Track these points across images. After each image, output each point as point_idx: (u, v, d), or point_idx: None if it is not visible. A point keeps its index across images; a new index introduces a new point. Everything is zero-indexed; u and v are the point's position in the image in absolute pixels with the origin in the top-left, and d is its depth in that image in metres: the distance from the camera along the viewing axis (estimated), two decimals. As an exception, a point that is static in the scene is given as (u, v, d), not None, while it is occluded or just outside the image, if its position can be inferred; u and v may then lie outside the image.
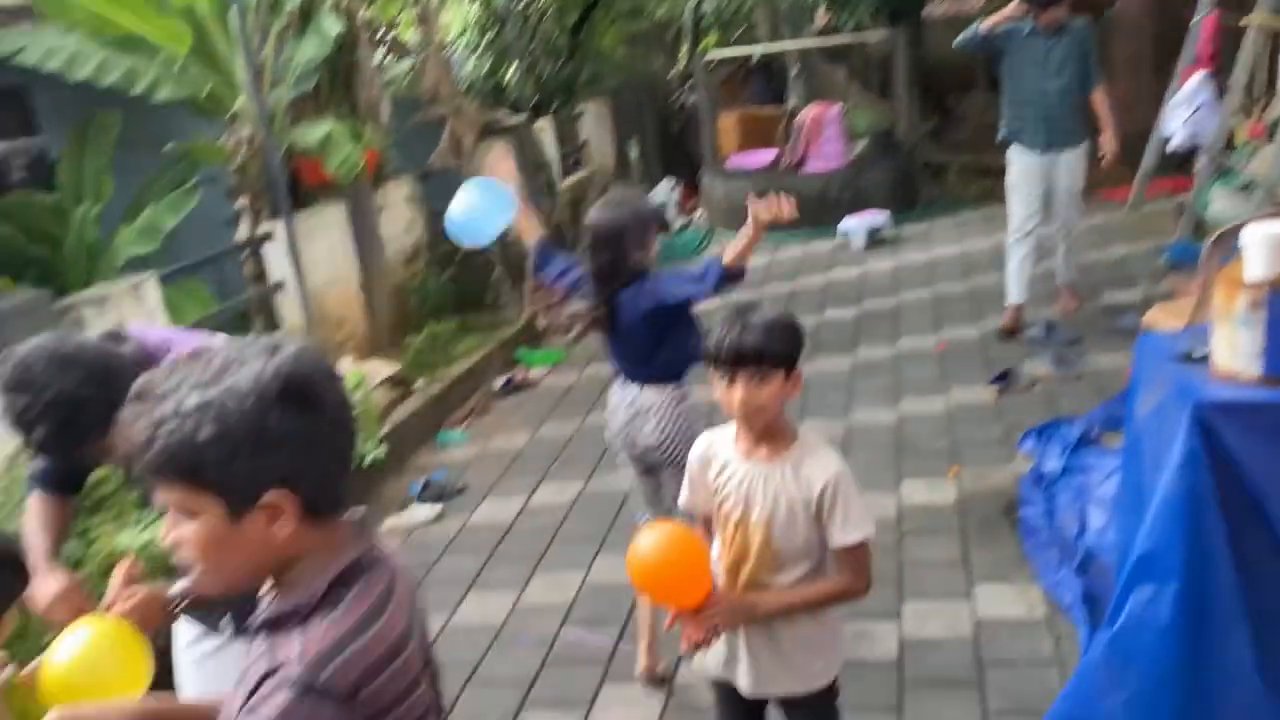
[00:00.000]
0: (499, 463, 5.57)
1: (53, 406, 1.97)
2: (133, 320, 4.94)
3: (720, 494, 2.26)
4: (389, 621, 1.29)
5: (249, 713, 1.21)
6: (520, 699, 3.50)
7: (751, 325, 2.13)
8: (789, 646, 2.25)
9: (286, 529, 1.25)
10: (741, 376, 2.12)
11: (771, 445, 2.22)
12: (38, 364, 1.98)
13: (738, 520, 2.23)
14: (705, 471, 2.30)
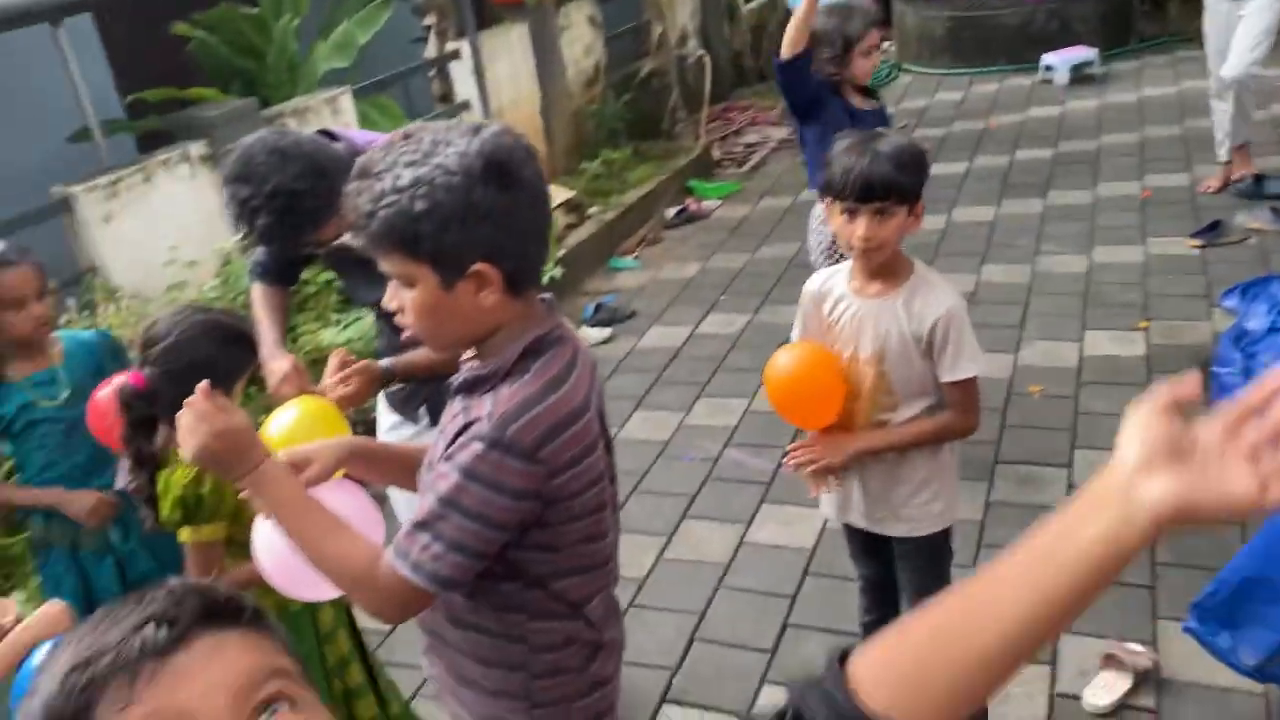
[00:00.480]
0: (668, 291, 5.66)
1: (273, 197, 2.09)
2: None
3: (833, 331, 2.23)
4: (571, 390, 1.39)
5: (448, 460, 1.35)
6: (683, 510, 3.67)
7: (880, 156, 2.03)
8: (903, 489, 2.24)
9: (491, 299, 1.35)
10: (865, 210, 2.05)
11: (886, 280, 2.15)
12: (259, 156, 2.11)
13: (849, 357, 2.20)
14: (819, 308, 2.26)
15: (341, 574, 1.39)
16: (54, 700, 0.65)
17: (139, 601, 0.71)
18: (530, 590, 1.46)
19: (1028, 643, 0.71)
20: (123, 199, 4.25)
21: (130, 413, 2.07)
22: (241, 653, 0.70)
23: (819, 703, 0.74)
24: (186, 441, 1.41)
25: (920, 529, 2.27)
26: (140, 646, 0.66)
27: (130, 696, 0.65)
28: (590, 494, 1.43)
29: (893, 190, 2.03)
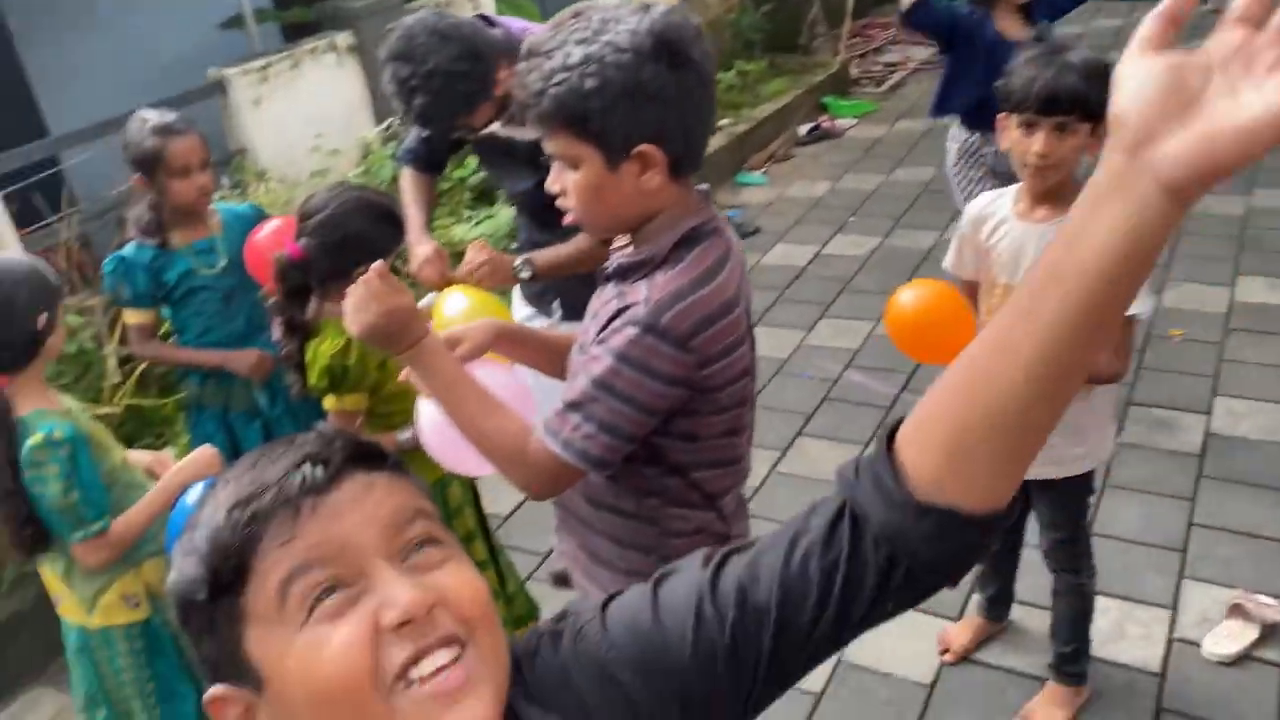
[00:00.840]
0: (796, 209, 5.57)
1: (430, 77, 2.12)
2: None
3: (989, 256, 2.14)
4: (724, 282, 1.39)
5: (601, 343, 1.37)
6: (798, 427, 3.67)
7: (1067, 66, 1.91)
8: None
9: (654, 181, 1.35)
10: (1045, 124, 1.94)
11: (1055, 205, 2.04)
12: (420, 36, 2.13)
13: (1005, 284, 2.11)
14: (977, 231, 2.16)
15: (494, 449, 1.43)
16: (220, 534, 0.69)
17: (291, 444, 0.73)
18: (669, 477, 1.49)
19: (1060, 372, 0.63)
20: (272, 84, 4.38)
21: (286, 282, 2.16)
22: (389, 492, 0.73)
23: (870, 490, 0.71)
24: (355, 316, 1.42)
25: (1061, 471, 2.19)
26: (300, 483, 0.69)
27: (293, 530, 0.68)
28: (736, 387, 1.44)
29: (1078, 103, 1.91)
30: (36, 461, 1.87)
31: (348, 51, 4.66)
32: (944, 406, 0.69)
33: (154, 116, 2.56)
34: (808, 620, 0.74)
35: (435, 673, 0.67)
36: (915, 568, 0.71)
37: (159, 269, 2.61)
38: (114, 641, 2.08)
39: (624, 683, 0.77)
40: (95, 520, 1.93)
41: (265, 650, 0.68)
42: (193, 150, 2.53)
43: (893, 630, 2.58)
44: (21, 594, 2.99)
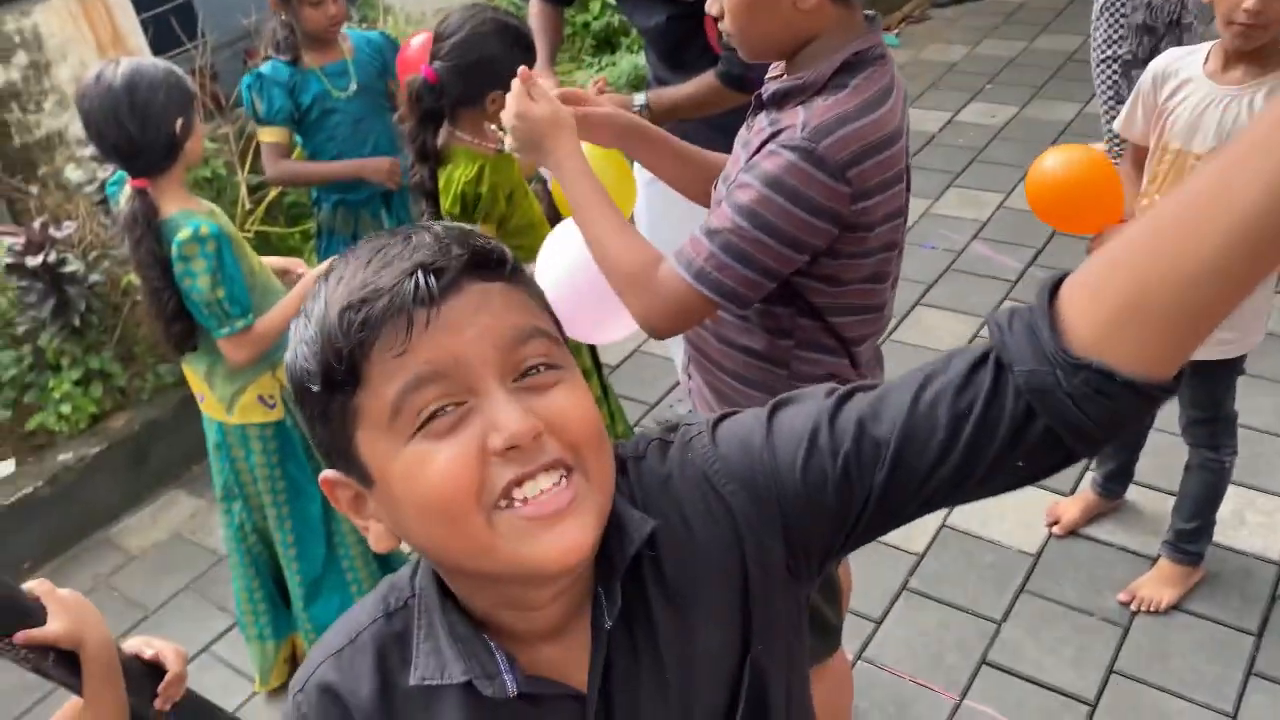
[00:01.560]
0: (929, 73, 5.31)
1: None
2: None
3: (1165, 119, 1.98)
4: (887, 113, 1.31)
5: (749, 169, 1.31)
6: (918, 296, 3.59)
7: None
8: None
9: (813, 1, 1.28)
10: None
11: (1252, 66, 1.87)
12: None
13: (1177, 150, 1.97)
14: (1157, 90, 2.00)
15: (620, 269, 1.38)
16: (332, 333, 0.67)
17: (406, 242, 0.70)
18: (805, 318, 1.45)
19: (1259, 244, 0.57)
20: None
21: (419, 106, 2.15)
22: (506, 307, 0.70)
23: (1022, 338, 0.64)
24: (508, 120, 1.42)
25: (1209, 354, 2.09)
26: (414, 292, 0.66)
27: (406, 343, 0.66)
28: (886, 228, 1.37)
29: None
30: (185, 256, 1.94)
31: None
32: (1124, 263, 0.62)
33: None
34: (928, 463, 0.70)
35: (538, 495, 0.67)
36: (1055, 426, 0.65)
37: (294, 87, 2.66)
38: (249, 439, 2.19)
39: (728, 494, 0.76)
40: (241, 316, 2.02)
41: (374, 452, 0.69)
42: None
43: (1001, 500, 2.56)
44: (161, 402, 3.18)
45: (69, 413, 3.02)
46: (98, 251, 3.16)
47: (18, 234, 2.91)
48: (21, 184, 3.39)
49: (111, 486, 3.07)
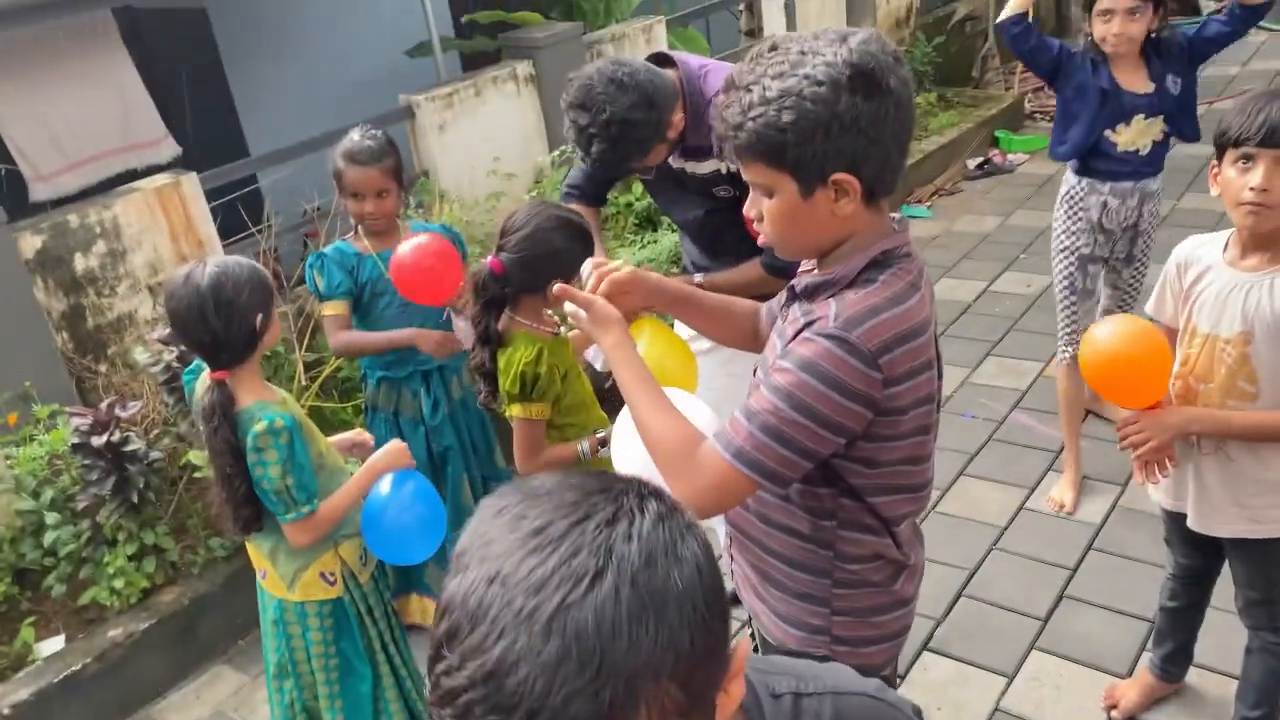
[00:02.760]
0: (963, 243, 5.45)
1: (607, 126, 2.20)
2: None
3: (1192, 302, 2.04)
4: (915, 305, 1.38)
5: (786, 355, 1.38)
6: (961, 466, 3.58)
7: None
8: (1245, 483, 2.04)
9: (849, 207, 1.36)
10: (1265, 158, 1.84)
11: (1267, 253, 1.94)
12: (598, 86, 2.20)
13: (1206, 334, 2.01)
14: (1181, 277, 2.07)
15: (663, 448, 1.44)
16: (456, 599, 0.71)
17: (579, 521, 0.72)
18: (845, 499, 1.49)
19: None
20: (456, 110, 4.60)
21: (483, 293, 2.26)
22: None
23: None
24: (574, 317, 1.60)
25: (1261, 531, 2.08)
26: None
27: None
28: (919, 412, 1.42)
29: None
30: (260, 447, 2.04)
31: (527, 81, 4.85)
32: None
33: (355, 137, 2.76)
34: None
35: None
36: None
37: (353, 267, 2.83)
38: (308, 615, 2.24)
39: None
40: (306, 503, 2.09)
41: None
42: (367, 182, 2.73)
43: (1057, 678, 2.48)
44: (211, 576, 3.22)
45: (121, 587, 3.07)
46: (159, 429, 3.28)
47: (86, 415, 3.04)
48: (91, 363, 3.56)
49: (158, 661, 3.08)
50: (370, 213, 2.77)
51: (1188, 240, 2.13)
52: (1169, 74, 3.02)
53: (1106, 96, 3.02)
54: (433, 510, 2.22)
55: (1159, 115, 3.04)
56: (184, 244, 3.74)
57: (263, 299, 2.07)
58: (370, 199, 2.75)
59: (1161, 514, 2.32)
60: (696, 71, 2.44)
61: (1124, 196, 3.14)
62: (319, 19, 6.17)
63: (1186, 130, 3.12)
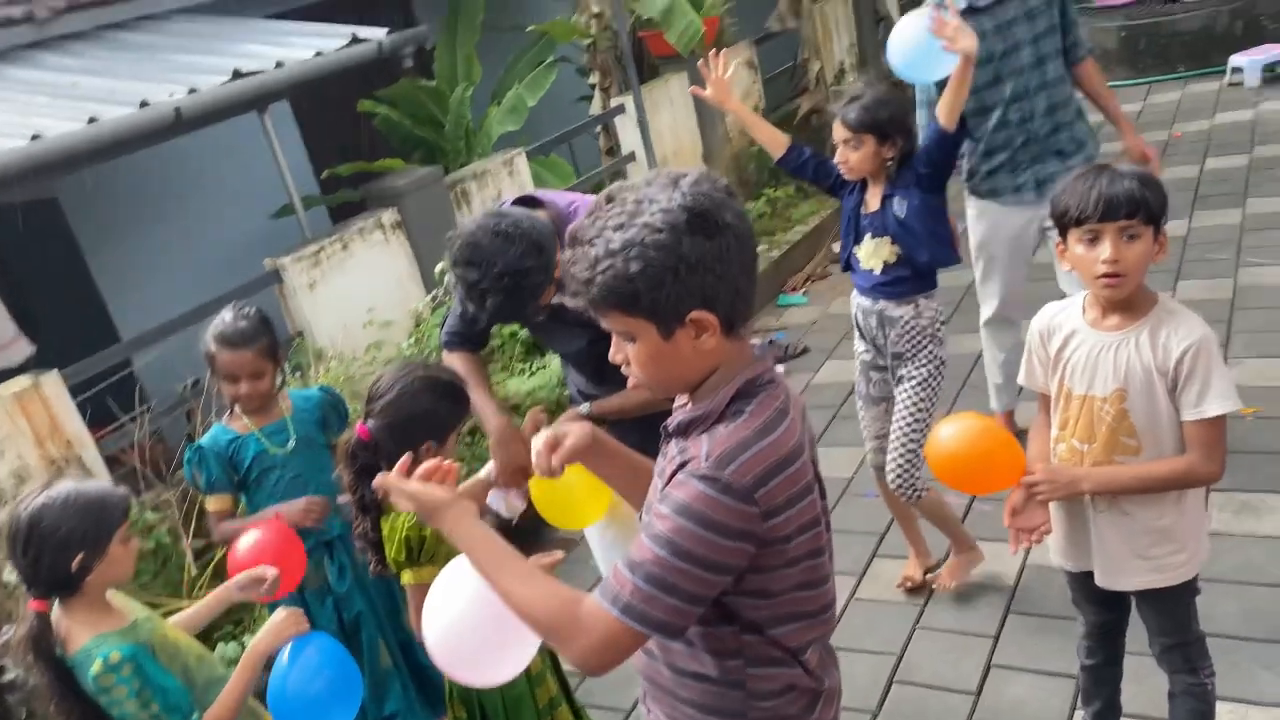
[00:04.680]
0: (841, 325, 5.59)
1: (500, 278, 2.19)
2: (508, 193, 5.42)
3: (1063, 367, 2.12)
4: (786, 432, 1.40)
5: (664, 499, 1.38)
6: (872, 549, 3.61)
7: (1120, 175, 1.93)
8: (1143, 534, 2.10)
9: (710, 342, 1.39)
10: (1110, 230, 1.93)
11: (1126, 314, 2.03)
12: (484, 241, 2.19)
13: (1081, 396, 2.08)
14: (1046, 344, 2.15)
15: (543, 616, 1.40)
16: None
17: None
18: (747, 635, 1.47)
19: None
20: (324, 267, 4.58)
21: (355, 462, 2.22)
22: None
23: None
24: (394, 499, 1.55)
25: (1165, 580, 2.13)
26: None
27: None
28: (805, 538, 1.43)
29: (1139, 207, 1.92)
30: (104, 688, 1.90)
31: (393, 227, 4.88)
32: None
33: (227, 318, 2.72)
34: None
35: None
36: None
37: (233, 453, 2.75)
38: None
39: None
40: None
41: None
42: (240, 364, 2.68)
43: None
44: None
45: (14, 829, 2.83)
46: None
47: (-43, 645, 2.84)
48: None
49: None
50: (246, 395, 2.72)
51: (1044, 310, 2.21)
52: (896, 194, 2.96)
53: (851, 213, 3.08)
54: (344, 671, 2.11)
55: (885, 236, 2.97)
56: (51, 446, 3.58)
57: (96, 534, 1.93)
58: (245, 381, 2.69)
59: (1066, 577, 2.36)
60: (566, 209, 2.48)
61: (866, 313, 3.13)
62: (179, 193, 6.11)
63: (917, 254, 2.94)
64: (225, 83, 4.38)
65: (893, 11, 9.22)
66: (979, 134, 3.55)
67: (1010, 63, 3.42)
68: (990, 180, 3.63)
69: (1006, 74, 3.44)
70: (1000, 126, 3.51)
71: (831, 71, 8.23)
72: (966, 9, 3.30)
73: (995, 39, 3.37)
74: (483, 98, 6.67)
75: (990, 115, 3.50)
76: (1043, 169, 3.53)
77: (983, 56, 3.13)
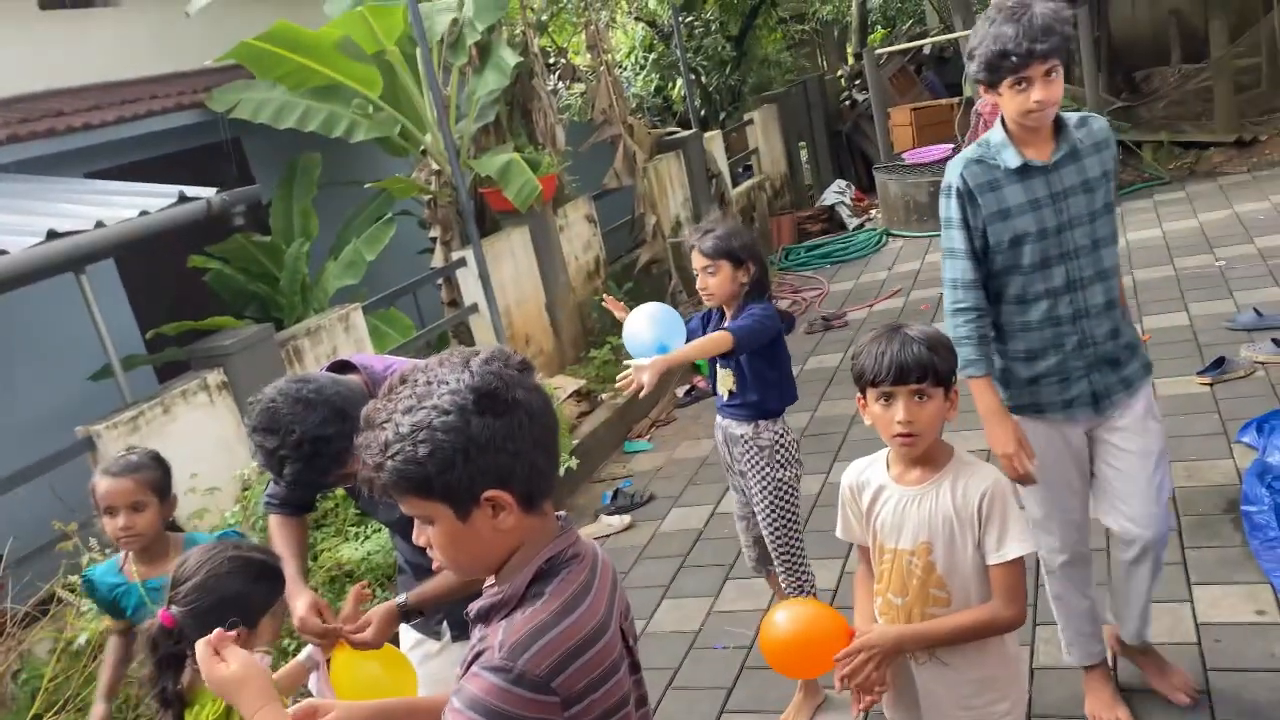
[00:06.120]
0: (685, 470, 5.66)
1: (299, 446, 2.12)
2: (343, 348, 5.33)
3: (874, 522, 2.19)
4: (586, 612, 1.37)
5: (457, 693, 1.33)
6: (720, 704, 3.55)
7: (911, 339, 2.05)
8: (963, 684, 2.14)
9: (509, 520, 1.36)
10: (902, 395, 2.04)
11: (926, 467, 2.13)
12: (283, 408, 2.13)
13: (893, 549, 2.15)
14: (857, 500, 2.23)
15: None
16: None
17: None
18: None
19: None
20: (144, 432, 4.34)
21: (157, 652, 2.06)
22: None
23: None
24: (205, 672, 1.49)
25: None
26: None
27: None
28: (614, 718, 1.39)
29: (929, 370, 2.02)
30: None
31: (219, 389, 4.69)
32: None
33: (121, 453, 2.70)
34: None
35: None
36: None
37: (117, 597, 2.69)
38: None
39: None
40: None
41: None
42: (118, 494, 2.59)
43: None
44: None
45: None
46: None
47: None
48: None
49: None
50: (124, 528, 2.58)
51: (852, 465, 2.28)
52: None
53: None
54: None
55: (727, 369, 3.20)
56: None
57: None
58: (124, 513, 2.58)
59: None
60: (381, 373, 2.43)
61: (722, 431, 3.38)
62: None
63: (746, 393, 3.16)
64: (39, 243, 4.20)
65: (724, 169, 9.76)
66: (1012, 329, 2.76)
67: (1062, 242, 2.65)
68: (1033, 391, 2.77)
69: (1057, 257, 2.65)
70: (1047, 323, 2.70)
71: (668, 224, 8.58)
72: (1020, 167, 2.64)
73: (1049, 211, 2.64)
74: (320, 252, 6.63)
75: (1033, 308, 2.70)
76: (1100, 379, 2.73)
77: (1031, 232, 2.63)
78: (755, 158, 11.08)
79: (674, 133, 9.53)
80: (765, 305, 3.19)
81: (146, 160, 6.53)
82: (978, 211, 2.68)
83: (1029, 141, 2.66)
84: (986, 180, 2.67)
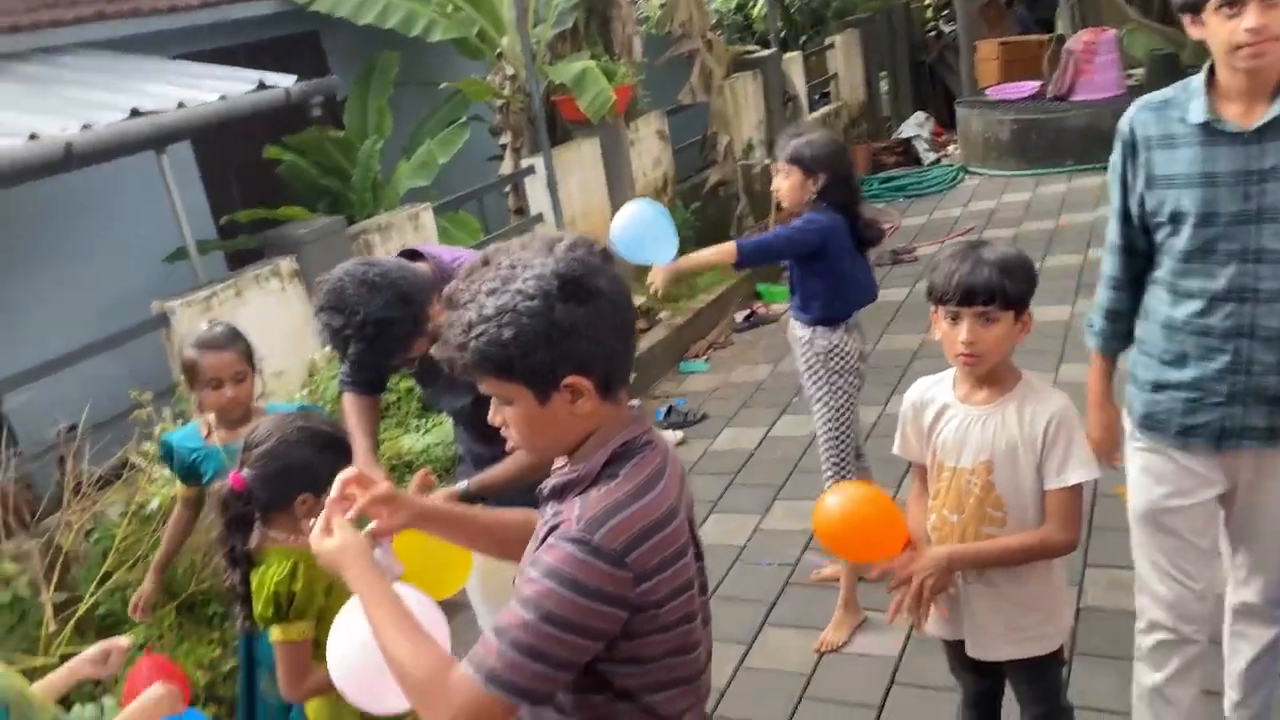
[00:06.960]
0: (740, 393, 5.67)
1: (363, 326, 2.18)
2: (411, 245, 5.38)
3: (935, 440, 2.18)
4: (659, 495, 1.39)
5: (534, 563, 1.36)
6: (762, 617, 3.61)
7: (983, 261, 2.02)
8: (1011, 605, 2.15)
9: (587, 406, 1.38)
10: (968, 316, 2.02)
11: (993, 388, 2.11)
12: (349, 288, 2.19)
13: (952, 468, 2.15)
14: (919, 417, 2.22)
15: (412, 679, 1.36)
16: None
17: None
18: (620, 703, 1.44)
19: None
20: (215, 312, 4.44)
21: (227, 512, 2.14)
22: None
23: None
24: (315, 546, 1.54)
25: (1030, 650, 2.18)
26: None
27: None
28: (678, 602, 1.41)
29: (996, 294, 2.00)
30: None
31: (291, 276, 4.77)
32: None
33: (203, 328, 2.78)
34: None
35: None
36: None
37: (196, 460, 2.78)
38: None
39: None
40: None
41: None
42: (224, 366, 2.69)
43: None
44: None
45: None
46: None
47: None
48: None
49: None
50: (231, 400, 2.70)
51: (917, 383, 2.27)
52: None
53: None
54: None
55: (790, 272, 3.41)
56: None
57: None
58: (230, 384, 2.70)
59: (943, 644, 2.40)
60: (449, 263, 2.46)
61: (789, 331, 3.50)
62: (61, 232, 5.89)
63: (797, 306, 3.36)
64: (122, 120, 4.27)
65: (801, 93, 9.56)
66: (1152, 316, 2.24)
67: (1239, 236, 2.04)
68: (1151, 400, 2.25)
69: (1226, 254, 2.06)
70: (1194, 329, 2.13)
71: (740, 146, 8.45)
72: (1204, 124, 2.04)
73: (1229, 191, 2.02)
74: (393, 151, 6.64)
75: (1181, 304, 2.15)
76: (1241, 416, 2.11)
77: (1192, 213, 2.06)
78: (834, 84, 10.82)
79: (752, 52, 9.33)
80: (811, 217, 3.23)
81: (227, 48, 6.56)
82: (1138, 170, 2.15)
83: (1235, 94, 2.01)
84: (1159, 133, 2.11)
